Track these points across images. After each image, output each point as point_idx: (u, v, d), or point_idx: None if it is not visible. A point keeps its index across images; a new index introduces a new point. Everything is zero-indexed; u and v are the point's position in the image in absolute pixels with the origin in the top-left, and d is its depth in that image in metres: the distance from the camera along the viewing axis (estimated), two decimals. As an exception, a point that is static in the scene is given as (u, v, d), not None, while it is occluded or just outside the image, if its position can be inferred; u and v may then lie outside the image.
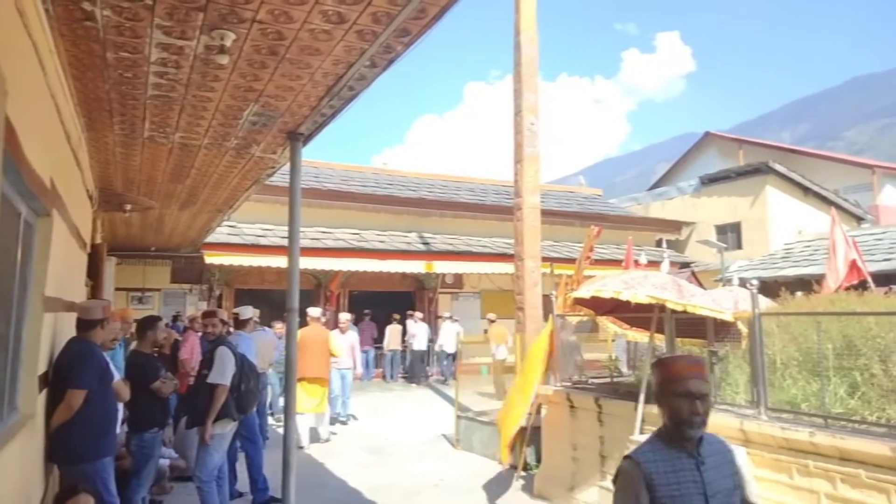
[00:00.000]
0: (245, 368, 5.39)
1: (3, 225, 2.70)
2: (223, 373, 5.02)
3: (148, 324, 5.03)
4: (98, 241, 7.63)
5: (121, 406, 4.48)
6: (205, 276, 13.77)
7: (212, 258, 12.07)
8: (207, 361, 5.14)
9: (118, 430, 4.36)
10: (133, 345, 5.46)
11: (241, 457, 6.34)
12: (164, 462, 5.99)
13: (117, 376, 4.32)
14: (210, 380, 5.00)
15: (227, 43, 3.00)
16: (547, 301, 8.10)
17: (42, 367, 3.56)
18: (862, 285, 8.00)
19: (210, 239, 11.05)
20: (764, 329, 5.26)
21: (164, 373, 5.09)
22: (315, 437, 8.67)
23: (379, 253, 13.88)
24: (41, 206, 3.32)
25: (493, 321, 13.19)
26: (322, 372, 8.43)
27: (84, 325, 3.95)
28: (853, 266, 8.69)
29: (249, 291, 14.67)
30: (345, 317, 10.28)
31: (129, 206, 6.98)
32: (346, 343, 9.71)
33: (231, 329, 6.82)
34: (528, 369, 6.74)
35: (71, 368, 3.69)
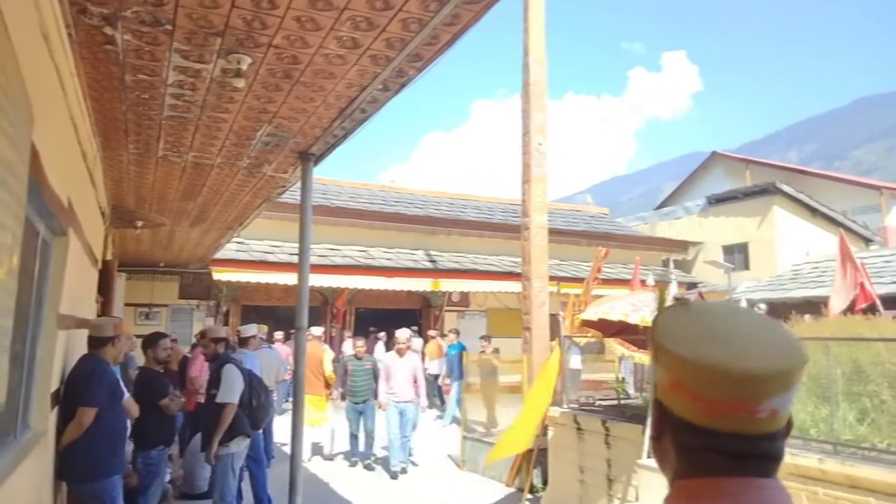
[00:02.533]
0: (254, 383, 5.40)
1: (22, 245, 2.75)
2: (231, 391, 5.01)
3: (148, 341, 5.06)
4: (109, 257, 7.69)
5: (128, 423, 4.50)
6: (212, 293, 13.82)
7: (220, 274, 12.12)
8: (215, 381, 5.13)
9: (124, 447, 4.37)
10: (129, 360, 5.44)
11: (246, 475, 6.33)
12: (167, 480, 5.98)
13: (126, 393, 4.34)
14: (218, 399, 4.98)
15: (244, 67, 3.06)
16: (554, 321, 8.10)
17: (55, 385, 3.59)
18: (870, 309, 7.96)
19: (218, 255, 11.11)
20: (772, 352, 5.25)
21: (173, 390, 5.11)
22: (317, 451, 8.63)
23: (386, 270, 13.91)
24: (59, 225, 3.38)
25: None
26: (317, 389, 8.43)
27: (96, 342, 3.99)
28: (861, 289, 8.66)
29: (256, 308, 14.71)
30: (404, 334, 8.35)
31: (140, 223, 7.05)
32: (405, 368, 8.07)
33: (235, 347, 6.83)
34: (539, 390, 6.72)
35: (83, 386, 3.72)
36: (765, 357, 0.76)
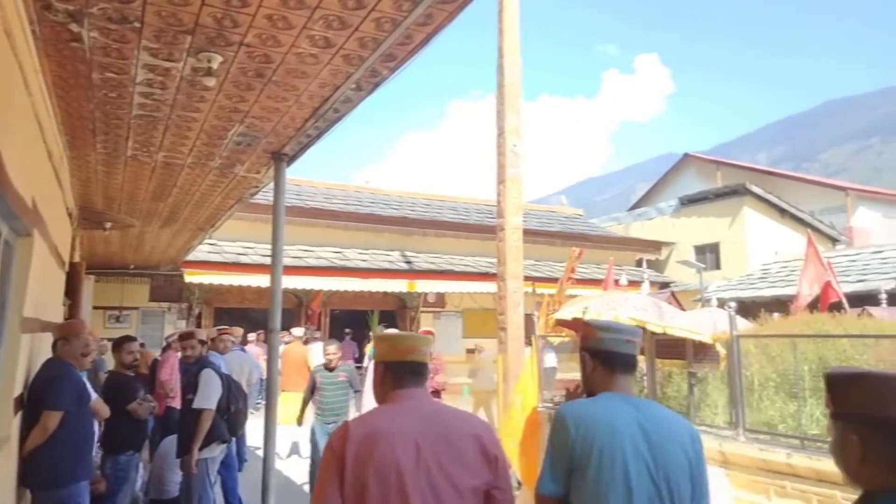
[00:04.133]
0: (232, 389, 5.32)
1: (-17, 246, 2.68)
2: (208, 397, 4.91)
3: (114, 345, 4.97)
4: (76, 259, 7.53)
5: (96, 428, 4.41)
6: (184, 295, 13.61)
7: (192, 276, 11.95)
8: (192, 385, 5.03)
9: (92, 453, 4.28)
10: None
11: (218, 480, 6.24)
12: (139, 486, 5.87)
13: (94, 395, 4.25)
14: (195, 405, 4.88)
15: (214, 65, 3.02)
16: (529, 321, 8.14)
17: (18, 389, 3.50)
18: (837, 306, 8.16)
19: (190, 257, 10.95)
20: (742, 350, 5.35)
21: (143, 394, 5.01)
22: (295, 450, 8.55)
23: (361, 272, 13.85)
24: (22, 226, 3.30)
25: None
26: (300, 387, 8.39)
27: (61, 344, 3.90)
28: (828, 287, 8.86)
29: (229, 310, 14.53)
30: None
31: (109, 224, 6.92)
32: None
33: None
34: (524, 390, 6.72)
35: (47, 390, 3.63)
36: (416, 336, 2.20)
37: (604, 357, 2.16)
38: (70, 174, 5.19)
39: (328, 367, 6.71)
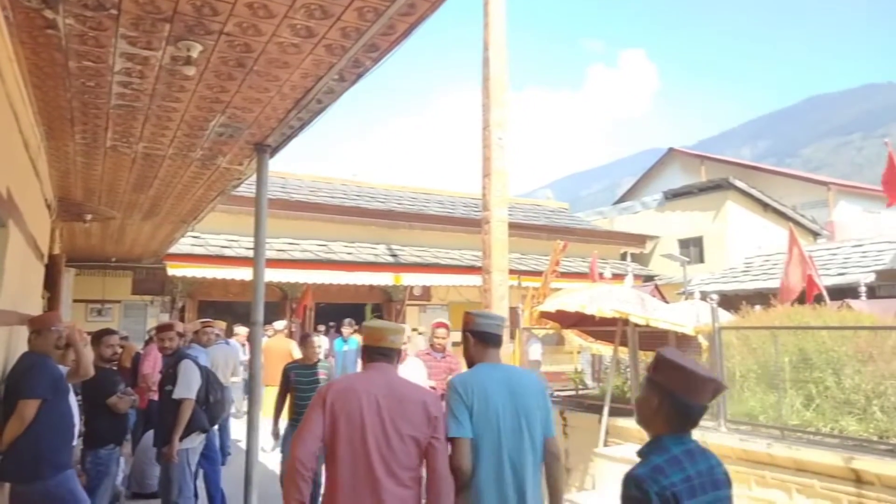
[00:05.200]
0: (211, 379, 5.32)
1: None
2: (189, 387, 4.91)
3: (93, 338, 4.92)
4: (56, 251, 7.42)
5: (77, 421, 4.35)
6: (167, 288, 13.47)
7: (174, 269, 11.82)
8: (170, 377, 5.01)
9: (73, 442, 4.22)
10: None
11: (201, 473, 6.20)
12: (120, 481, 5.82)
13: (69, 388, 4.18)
14: (176, 395, 4.87)
15: (194, 54, 2.98)
16: (514, 314, 8.16)
17: (-5, 383, 3.45)
18: (817, 299, 8.25)
19: (173, 250, 10.83)
20: (724, 342, 5.39)
21: (124, 388, 4.96)
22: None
23: (346, 265, 13.78)
24: (-3, 216, 3.24)
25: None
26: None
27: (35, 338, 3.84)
28: (809, 281, 8.95)
29: (213, 303, 14.40)
30: (417, 343, 6.01)
31: (89, 216, 6.82)
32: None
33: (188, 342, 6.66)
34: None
35: (22, 380, 3.57)
36: (388, 323, 2.99)
37: (480, 336, 2.95)
38: (48, 165, 5.10)
39: (307, 364, 5.78)
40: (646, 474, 1.81)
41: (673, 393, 1.91)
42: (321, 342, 6.18)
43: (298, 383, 5.61)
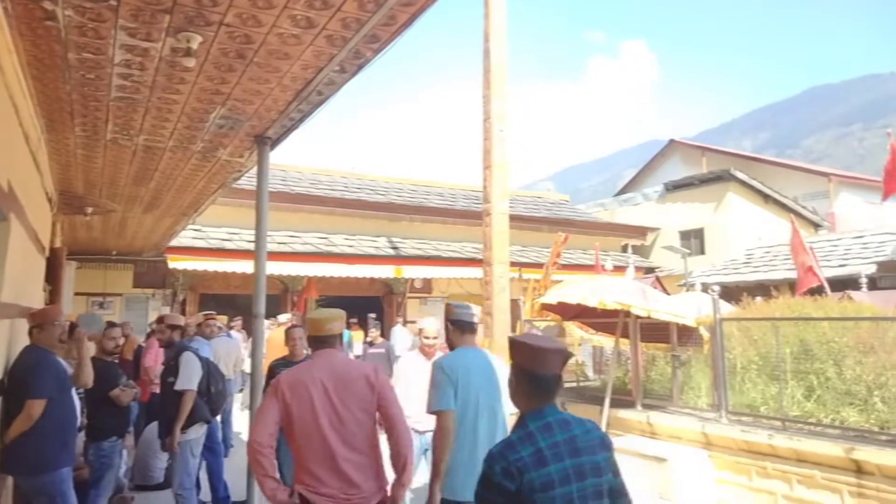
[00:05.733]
0: (212, 371, 5.35)
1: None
2: (190, 378, 4.94)
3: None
4: (57, 244, 7.42)
5: (79, 414, 4.37)
6: (168, 281, 13.48)
7: (176, 262, 11.82)
8: (172, 369, 5.04)
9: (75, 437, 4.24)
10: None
11: (204, 465, 6.23)
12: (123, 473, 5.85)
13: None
14: (177, 386, 4.90)
15: (194, 46, 2.96)
16: (515, 306, 8.15)
17: (-3, 375, 3.46)
18: (818, 290, 8.25)
19: (174, 243, 10.83)
20: (725, 333, 5.39)
21: (126, 380, 4.98)
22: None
23: (347, 257, 13.77)
24: (-2, 209, 3.23)
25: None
26: None
27: (38, 331, 3.84)
28: (809, 272, 8.95)
29: (215, 296, 14.42)
30: (432, 326, 4.96)
31: (90, 209, 6.81)
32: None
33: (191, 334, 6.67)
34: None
35: (29, 378, 3.58)
36: (327, 311, 3.12)
37: (458, 324, 3.44)
38: (49, 158, 5.09)
39: (292, 361, 5.28)
40: (497, 451, 1.95)
41: (524, 368, 2.06)
42: (299, 334, 5.45)
43: None
